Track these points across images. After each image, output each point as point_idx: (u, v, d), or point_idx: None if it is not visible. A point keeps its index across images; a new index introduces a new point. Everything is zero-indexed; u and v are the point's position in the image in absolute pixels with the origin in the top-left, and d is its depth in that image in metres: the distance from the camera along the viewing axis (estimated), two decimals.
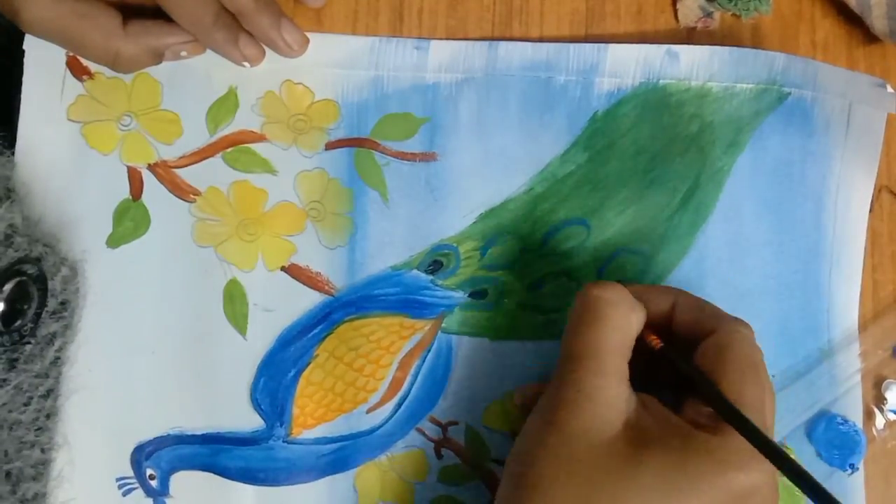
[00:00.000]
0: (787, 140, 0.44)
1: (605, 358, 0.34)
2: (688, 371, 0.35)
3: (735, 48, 0.44)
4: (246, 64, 0.42)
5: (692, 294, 0.37)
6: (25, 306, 0.37)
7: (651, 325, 0.37)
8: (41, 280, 0.37)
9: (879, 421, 0.43)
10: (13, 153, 0.40)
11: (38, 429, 0.38)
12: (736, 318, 0.36)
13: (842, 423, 0.42)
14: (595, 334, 0.34)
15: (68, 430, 0.40)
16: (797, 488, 0.31)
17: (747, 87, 0.44)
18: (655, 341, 0.36)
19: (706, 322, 0.36)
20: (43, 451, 0.38)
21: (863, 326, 0.44)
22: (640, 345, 0.36)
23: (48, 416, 0.39)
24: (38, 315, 0.37)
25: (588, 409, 0.33)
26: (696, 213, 0.43)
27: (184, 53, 0.41)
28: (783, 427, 0.43)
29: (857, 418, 0.43)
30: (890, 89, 0.45)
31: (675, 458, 0.32)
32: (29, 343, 0.37)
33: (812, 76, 0.44)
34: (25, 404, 0.37)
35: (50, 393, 0.39)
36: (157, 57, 0.41)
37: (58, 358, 0.39)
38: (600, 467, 0.32)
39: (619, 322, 0.35)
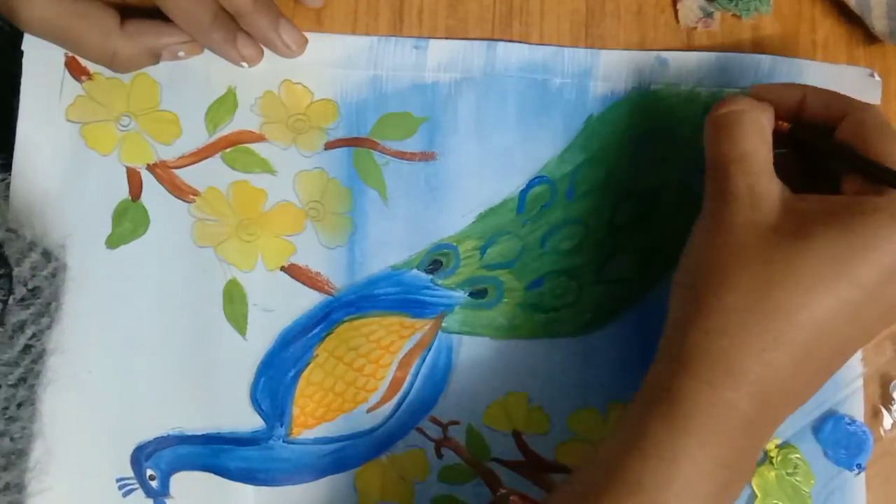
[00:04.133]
0: None
1: (750, 159, 0.35)
2: (827, 145, 0.36)
3: (721, 54, 0.44)
4: (244, 64, 0.42)
5: (819, 87, 0.39)
6: None
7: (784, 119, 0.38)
8: (4, 265, 0.37)
9: (887, 421, 0.43)
10: None
11: (9, 418, 0.37)
12: (864, 102, 0.37)
13: (850, 423, 0.42)
14: (734, 141, 0.36)
15: (47, 420, 0.40)
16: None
17: (735, 91, 0.44)
18: (784, 125, 0.38)
19: (838, 106, 0.37)
20: (13, 440, 0.38)
21: None
22: (787, 168, 0.37)
23: (20, 405, 0.38)
24: (4, 303, 0.37)
25: (747, 204, 0.34)
26: (692, 213, 0.43)
27: (181, 54, 0.41)
28: (788, 427, 0.43)
29: (860, 419, 0.43)
30: (877, 77, 0.45)
31: (842, 225, 0.33)
32: None
33: (798, 76, 0.44)
34: None
35: (22, 382, 0.38)
36: (155, 57, 0.41)
37: (30, 346, 0.38)
38: (772, 247, 0.33)
39: (754, 125, 0.36)
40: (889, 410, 0.43)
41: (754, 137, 0.36)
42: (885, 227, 0.32)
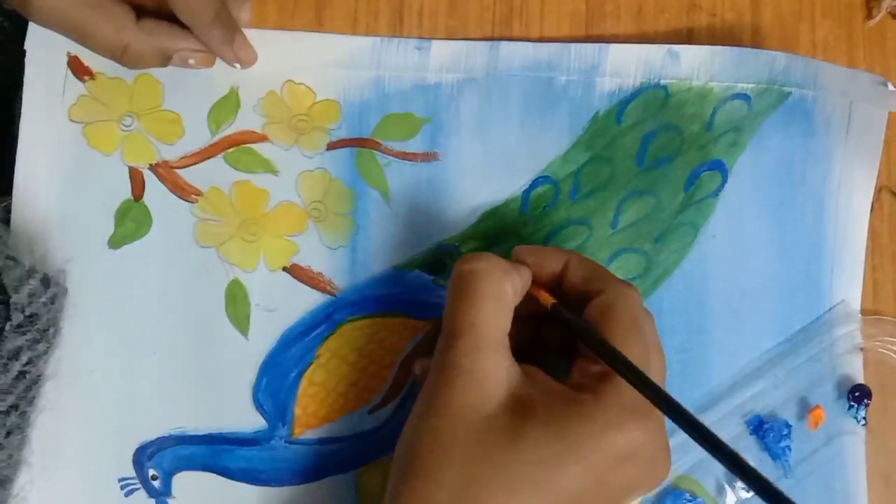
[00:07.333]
0: (788, 140, 0.44)
1: (480, 331, 0.33)
2: (574, 322, 0.34)
3: (736, 48, 0.44)
4: (237, 65, 0.41)
5: (585, 256, 0.37)
6: None
7: (542, 286, 0.36)
8: (1, 293, 0.36)
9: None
10: None
11: None
12: (624, 281, 0.35)
13: (689, 500, 0.42)
14: (468, 308, 0.33)
15: (36, 448, 0.40)
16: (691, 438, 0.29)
17: (748, 87, 0.44)
18: (546, 297, 0.35)
19: (595, 283, 0.35)
20: None
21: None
22: (528, 314, 0.35)
23: (9, 434, 0.37)
24: (0, 329, 0.36)
25: (467, 386, 0.32)
26: (697, 213, 0.43)
27: (192, 62, 0.41)
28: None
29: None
30: (891, 87, 0.45)
31: (554, 427, 0.31)
32: None
33: (813, 75, 0.44)
34: None
35: (14, 409, 0.37)
36: (165, 59, 0.40)
37: (24, 373, 0.37)
38: (482, 443, 0.31)
39: (492, 291, 0.34)
40: (733, 488, 0.43)
41: (489, 305, 0.33)
42: (589, 436, 0.31)
